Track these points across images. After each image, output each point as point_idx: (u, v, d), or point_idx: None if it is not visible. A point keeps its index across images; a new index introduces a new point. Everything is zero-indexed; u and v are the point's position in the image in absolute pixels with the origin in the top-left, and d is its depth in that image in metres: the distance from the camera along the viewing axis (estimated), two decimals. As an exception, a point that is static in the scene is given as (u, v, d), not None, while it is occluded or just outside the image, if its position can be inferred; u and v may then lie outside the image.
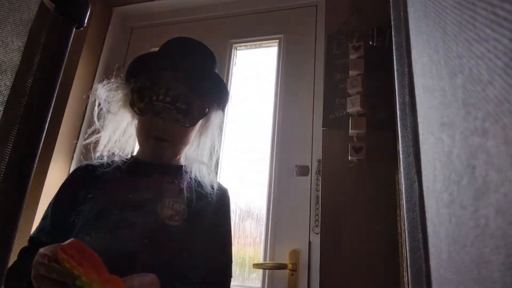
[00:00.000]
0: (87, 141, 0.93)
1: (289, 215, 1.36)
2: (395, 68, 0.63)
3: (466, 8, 0.25)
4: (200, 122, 0.92)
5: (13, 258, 0.74)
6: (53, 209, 0.86)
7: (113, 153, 0.92)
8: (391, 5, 0.69)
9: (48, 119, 0.82)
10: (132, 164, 0.90)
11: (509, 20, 0.18)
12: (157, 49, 0.99)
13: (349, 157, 1.22)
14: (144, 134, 0.89)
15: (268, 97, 1.58)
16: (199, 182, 0.91)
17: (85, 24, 0.92)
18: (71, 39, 0.88)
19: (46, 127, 0.81)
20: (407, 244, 0.68)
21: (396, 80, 0.63)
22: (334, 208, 1.22)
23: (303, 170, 1.36)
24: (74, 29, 0.89)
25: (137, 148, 0.97)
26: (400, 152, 0.63)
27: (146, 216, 0.80)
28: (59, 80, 0.85)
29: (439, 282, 0.37)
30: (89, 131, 0.94)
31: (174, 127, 0.87)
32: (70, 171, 1.61)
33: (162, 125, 0.85)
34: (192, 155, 0.95)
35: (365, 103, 1.27)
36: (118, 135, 0.93)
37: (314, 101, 1.50)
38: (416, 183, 0.48)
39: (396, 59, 0.62)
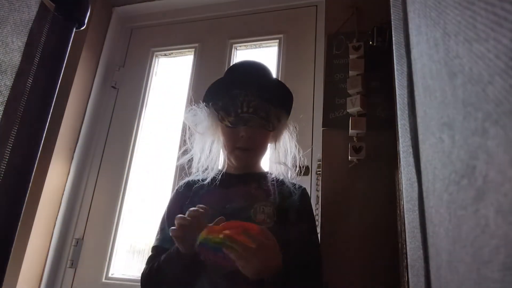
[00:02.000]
0: (181, 161, 1.11)
1: (289, 215, 1.36)
2: (395, 68, 0.63)
3: (466, 8, 0.25)
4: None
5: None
6: (168, 221, 1.01)
7: (206, 169, 1.07)
8: (391, 5, 0.69)
9: (48, 119, 0.82)
10: (223, 178, 1.04)
11: (509, 20, 0.18)
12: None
13: (349, 157, 1.22)
14: (230, 146, 1.04)
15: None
16: (281, 182, 1.04)
17: (85, 24, 0.93)
18: (71, 39, 0.88)
19: (46, 127, 0.82)
20: (407, 244, 0.68)
21: (396, 80, 0.63)
22: (334, 208, 1.22)
23: (303, 170, 1.36)
24: (74, 29, 0.89)
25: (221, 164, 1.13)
26: (400, 152, 0.63)
27: None
28: (59, 80, 0.85)
29: (439, 282, 0.37)
30: (181, 151, 1.13)
31: (259, 133, 1.03)
32: (69, 173, 1.61)
33: (249, 133, 1.00)
34: (271, 158, 1.11)
35: (365, 103, 1.27)
36: (206, 151, 1.08)
37: (314, 101, 1.50)
38: (416, 183, 0.48)
39: (396, 59, 0.62)
